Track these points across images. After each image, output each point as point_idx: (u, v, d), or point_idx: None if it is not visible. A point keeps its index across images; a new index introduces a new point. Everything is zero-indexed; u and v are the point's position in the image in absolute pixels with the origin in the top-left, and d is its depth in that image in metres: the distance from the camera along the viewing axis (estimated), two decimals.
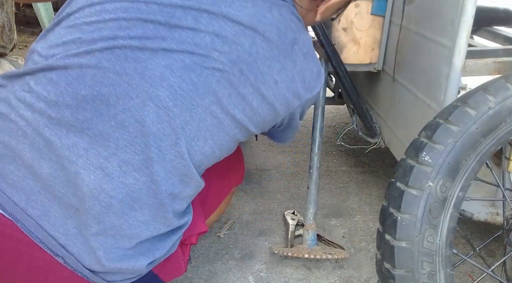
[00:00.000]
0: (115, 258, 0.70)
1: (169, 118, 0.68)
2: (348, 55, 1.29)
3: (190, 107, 0.69)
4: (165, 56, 0.68)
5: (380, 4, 1.24)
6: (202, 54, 0.69)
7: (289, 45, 0.74)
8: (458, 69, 0.95)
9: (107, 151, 0.67)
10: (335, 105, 2.06)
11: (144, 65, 0.67)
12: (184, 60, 0.68)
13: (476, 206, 1.08)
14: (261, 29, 0.72)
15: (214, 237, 1.37)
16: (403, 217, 0.76)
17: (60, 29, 0.72)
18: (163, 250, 0.76)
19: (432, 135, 0.79)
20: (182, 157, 0.70)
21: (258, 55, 0.71)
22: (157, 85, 0.67)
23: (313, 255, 1.19)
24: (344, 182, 1.71)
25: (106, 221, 0.68)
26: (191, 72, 0.68)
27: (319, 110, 1.30)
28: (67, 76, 0.67)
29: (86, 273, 0.70)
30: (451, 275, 0.78)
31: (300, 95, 0.78)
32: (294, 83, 0.76)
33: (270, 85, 0.73)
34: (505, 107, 0.79)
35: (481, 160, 0.79)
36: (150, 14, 0.69)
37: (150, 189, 0.69)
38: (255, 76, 0.71)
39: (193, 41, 0.69)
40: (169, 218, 0.74)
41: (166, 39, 0.68)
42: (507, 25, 1.84)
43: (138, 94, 0.67)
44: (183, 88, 0.68)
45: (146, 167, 0.68)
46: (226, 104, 0.71)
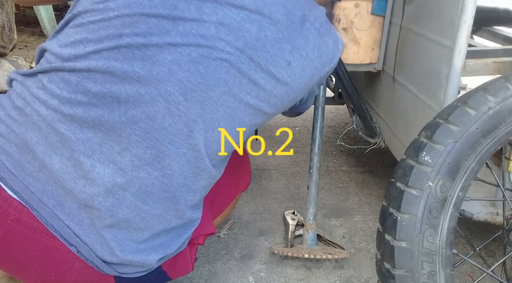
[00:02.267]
0: (128, 250, 0.72)
1: (180, 113, 0.68)
2: (348, 55, 1.29)
3: (201, 99, 0.69)
4: (171, 51, 0.68)
5: (380, 4, 1.24)
6: (208, 46, 0.69)
7: (299, 23, 0.73)
8: (458, 69, 0.95)
9: (119, 145, 0.68)
10: (335, 105, 2.06)
11: (151, 62, 0.68)
12: (190, 54, 0.68)
13: (476, 206, 1.08)
14: (267, 11, 0.71)
15: (214, 237, 1.37)
16: (403, 217, 0.76)
17: (68, 29, 0.73)
18: (174, 247, 0.77)
19: (432, 135, 0.79)
20: (195, 149, 0.70)
21: (267, 39, 0.71)
22: (166, 80, 0.68)
23: (313, 255, 1.19)
24: (344, 182, 1.71)
25: (119, 214, 0.69)
26: (199, 65, 0.68)
27: (319, 110, 1.30)
28: (78, 74, 0.68)
29: (98, 263, 0.71)
30: (451, 275, 0.78)
31: (318, 70, 0.77)
32: (310, 61, 0.75)
33: (282, 66, 0.72)
34: (505, 107, 0.79)
35: (481, 160, 0.79)
36: (153, 8, 0.69)
37: (162, 183, 0.70)
38: (266, 61, 0.71)
39: (197, 32, 0.69)
40: (181, 210, 0.75)
41: (170, 33, 0.68)
42: (507, 25, 1.85)
43: (147, 90, 0.68)
44: (192, 81, 0.68)
45: (158, 161, 0.69)
46: (237, 92, 0.71)
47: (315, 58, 0.76)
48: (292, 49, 0.73)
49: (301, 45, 0.74)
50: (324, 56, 0.77)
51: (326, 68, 0.79)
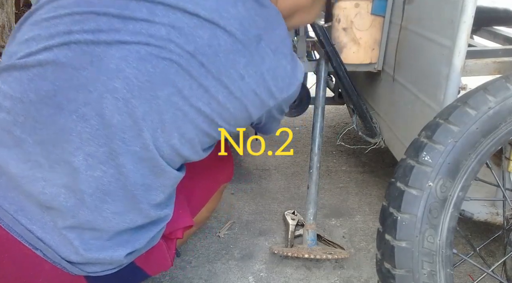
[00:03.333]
0: (93, 249, 0.71)
1: (128, 110, 0.67)
2: (348, 55, 1.29)
3: (149, 98, 0.68)
4: (120, 47, 0.67)
5: (380, 4, 1.24)
6: (157, 45, 0.68)
7: (254, 41, 0.72)
8: (458, 69, 0.96)
9: (71, 145, 0.67)
10: (335, 105, 2.06)
11: (99, 58, 0.67)
12: (139, 51, 0.67)
13: (476, 206, 1.08)
14: (222, 23, 0.70)
15: (214, 237, 1.37)
16: (403, 217, 0.76)
17: (24, 27, 0.74)
18: (143, 241, 0.77)
19: (432, 135, 0.79)
20: (148, 148, 0.69)
21: (220, 48, 0.70)
22: (114, 77, 0.67)
23: (313, 255, 1.19)
24: (344, 182, 1.71)
25: (80, 215, 0.69)
26: (147, 63, 0.68)
27: (319, 110, 1.30)
28: (28, 73, 0.68)
29: (64, 265, 0.71)
30: (451, 275, 0.78)
31: (274, 94, 0.76)
32: (265, 81, 0.74)
33: (235, 79, 0.71)
34: (505, 107, 0.79)
35: (481, 160, 0.79)
36: (103, 7, 0.69)
37: (119, 181, 0.70)
38: (218, 69, 0.70)
39: (147, 32, 0.68)
40: (145, 209, 0.74)
41: (120, 31, 0.68)
42: (507, 25, 1.85)
43: (96, 87, 0.67)
44: (139, 79, 0.67)
45: (112, 159, 0.68)
46: (188, 96, 0.69)
47: (270, 80, 0.75)
48: (247, 64, 0.72)
49: (257, 63, 0.73)
50: (280, 81, 0.76)
51: (283, 94, 0.78)
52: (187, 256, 1.28)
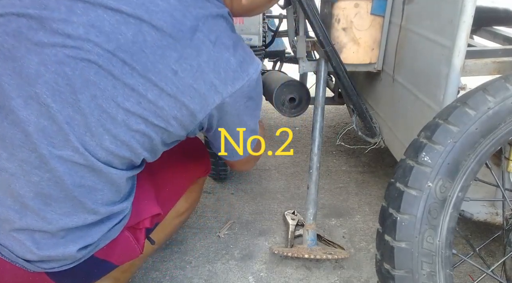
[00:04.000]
0: (44, 247, 0.72)
1: (52, 115, 0.66)
2: (348, 55, 1.28)
3: (70, 102, 0.67)
4: (38, 51, 0.66)
5: (380, 4, 1.24)
6: (74, 46, 0.66)
7: (188, 33, 0.69)
8: (457, 69, 0.95)
9: (6, 152, 0.68)
10: (335, 105, 2.06)
11: (20, 64, 0.66)
12: (57, 55, 0.66)
13: (476, 206, 1.08)
14: (148, 17, 0.67)
15: (214, 237, 1.37)
16: (402, 218, 0.76)
17: None
18: (96, 236, 0.76)
19: (431, 136, 0.79)
20: (78, 151, 0.68)
21: (147, 44, 0.67)
22: (34, 82, 0.66)
23: (313, 255, 1.19)
24: (344, 182, 1.71)
25: (26, 218, 0.70)
26: (65, 66, 0.66)
27: (319, 110, 1.30)
28: None
29: (22, 263, 0.72)
30: (451, 275, 0.78)
31: (217, 87, 0.72)
32: (203, 73, 0.70)
33: (167, 75, 0.68)
34: (505, 107, 0.79)
35: (481, 161, 0.79)
36: (23, 8, 0.67)
37: (57, 184, 0.69)
38: (144, 66, 0.67)
39: (64, 32, 0.66)
40: (92, 208, 0.73)
41: (38, 33, 0.66)
42: (507, 25, 1.84)
43: (19, 93, 0.66)
44: (59, 83, 0.66)
45: (44, 163, 0.68)
46: (112, 96, 0.67)
47: (211, 72, 0.71)
48: (179, 58, 0.68)
49: (191, 55, 0.69)
50: (223, 73, 0.72)
51: (228, 88, 0.73)
52: (187, 256, 1.29)
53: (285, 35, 1.80)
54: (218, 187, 1.67)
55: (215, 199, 1.59)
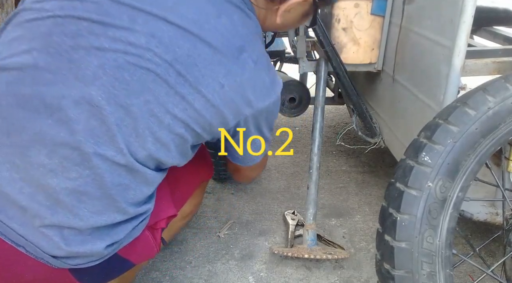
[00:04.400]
0: (73, 243, 0.73)
1: (102, 116, 0.69)
2: (348, 55, 1.29)
3: (124, 105, 0.69)
4: (98, 55, 0.69)
5: (380, 4, 1.24)
6: (135, 54, 0.69)
7: (236, 52, 0.75)
8: (457, 69, 0.95)
9: (46, 148, 0.69)
10: (335, 105, 2.06)
11: (77, 65, 0.68)
12: (117, 60, 0.69)
13: (476, 206, 1.08)
14: (203, 34, 0.72)
15: (214, 237, 1.37)
16: (402, 218, 0.76)
17: (9, 28, 0.74)
18: (122, 234, 0.78)
19: (431, 136, 0.79)
20: (122, 152, 0.71)
21: (200, 58, 0.72)
22: (90, 84, 0.68)
23: (313, 255, 1.19)
24: (344, 182, 1.71)
25: (58, 214, 0.71)
26: (124, 71, 0.69)
27: (319, 110, 1.30)
28: (8, 76, 0.69)
29: (47, 259, 0.72)
30: (451, 275, 0.78)
31: (251, 102, 0.78)
32: (244, 89, 0.76)
33: (214, 87, 0.73)
34: (505, 108, 0.79)
35: (481, 161, 0.79)
36: (85, 12, 0.70)
37: (95, 181, 0.71)
38: (195, 78, 0.72)
39: (127, 40, 0.69)
40: (123, 208, 0.75)
41: (99, 38, 0.69)
42: (507, 25, 1.84)
43: (71, 93, 0.68)
44: (116, 87, 0.69)
45: (87, 161, 0.70)
46: (163, 103, 0.71)
47: (249, 89, 0.77)
48: (227, 73, 0.74)
49: (237, 72, 0.75)
50: (258, 91, 0.78)
51: (259, 103, 0.79)
52: (187, 256, 1.29)
53: (285, 35, 1.81)
54: (218, 187, 1.67)
55: (215, 199, 1.59)
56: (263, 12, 0.85)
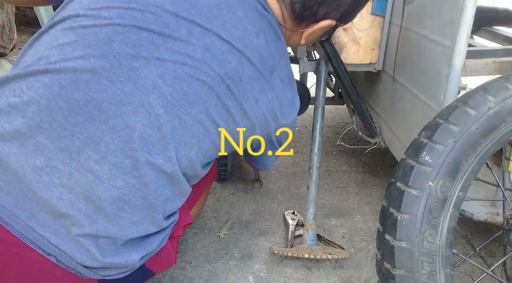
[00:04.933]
0: (108, 254, 0.72)
1: (160, 124, 0.70)
2: (348, 55, 1.29)
3: (179, 114, 0.72)
4: (158, 65, 0.70)
5: (380, 4, 1.24)
6: (193, 66, 0.72)
7: (269, 71, 0.80)
8: (458, 69, 0.96)
9: (97, 155, 0.68)
10: (335, 105, 2.06)
11: (137, 73, 0.69)
12: (176, 70, 0.71)
13: (476, 206, 1.08)
14: (247, 52, 0.76)
15: (214, 237, 1.37)
16: (403, 217, 0.76)
17: (55, 32, 0.73)
18: (154, 245, 0.79)
19: (432, 135, 0.79)
20: (171, 161, 0.72)
21: (244, 74, 0.76)
22: (149, 93, 0.69)
23: (313, 255, 1.19)
24: (344, 182, 1.71)
25: (98, 223, 0.70)
26: (183, 82, 0.71)
27: (319, 110, 1.30)
28: (60, 80, 0.68)
29: (80, 269, 0.71)
30: (451, 275, 0.78)
31: (277, 117, 0.84)
32: (273, 105, 0.82)
33: (251, 102, 0.78)
34: (505, 107, 0.79)
35: (481, 160, 0.79)
36: (145, 22, 0.70)
37: (140, 191, 0.71)
38: (239, 92, 0.76)
39: (185, 52, 0.71)
40: (158, 219, 0.76)
41: (159, 48, 0.70)
42: (507, 25, 1.84)
43: (130, 100, 0.69)
44: (174, 96, 0.71)
45: (136, 170, 0.70)
46: (212, 113, 0.74)
47: (276, 105, 0.83)
48: (261, 90, 0.79)
49: (268, 89, 0.80)
50: (284, 107, 0.85)
51: (284, 120, 0.86)
52: (187, 256, 1.29)
53: None
54: (218, 187, 1.67)
55: (215, 199, 1.59)
56: (289, 33, 0.89)
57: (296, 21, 0.85)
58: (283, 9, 0.83)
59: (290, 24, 0.86)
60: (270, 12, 0.82)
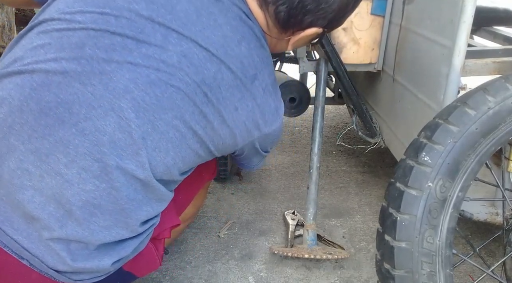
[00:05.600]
0: (79, 259, 0.72)
1: (130, 129, 0.69)
2: (348, 55, 1.28)
3: (152, 119, 0.70)
4: (130, 69, 0.69)
5: (380, 4, 1.24)
6: (167, 72, 0.70)
7: (250, 79, 0.78)
8: (457, 69, 0.95)
9: (66, 157, 0.68)
10: (335, 105, 2.06)
11: (109, 77, 0.68)
12: (149, 76, 0.69)
13: (476, 206, 1.08)
14: (227, 60, 0.74)
15: (214, 237, 1.37)
16: (402, 218, 0.76)
17: (31, 34, 0.73)
18: (129, 249, 0.78)
19: (431, 136, 0.79)
20: (143, 167, 0.71)
21: (223, 82, 0.74)
22: (120, 97, 0.68)
23: (313, 255, 1.19)
24: (344, 182, 1.71)
25: (68, 227, 0.70)
26: (156, 88, 0.70)
27: (319, 110, 1.30)
28: (32, 81, 0.68)
29: (52, 273, 0.71)
30: (451, 275, 0.78)
31: (259, 126, 0.82)
32: (254, 114, 0.80)
33: (230, 110, 0.76)
34: (505, 107, 0.79)
35: (481, 160, 0.79)
36: (119, 27, 0.70)
37: (110, 195, 0.71)
38: (218, 100, 0.74)
39: (160, 57, 0.70)
40: (132, 225, 0.75)
41: (132, 53, 0.69)
42: (507, 25, 1.84)
43: (101, 104, 0.68)
44: (146, 101, 0.69)
45: (106, 174, 0.69)
46: (188, 120, 0.73)
47: (259, 114, 0.81)
48: (241, 98, 0.77)
49: (249, 98, 0.78)
50: (266, 115, 0.82)
51: (267, 128, 0.84)
52: (187, 256, 1.29)
53: None
54: (218, 187, 1.67)
55: (215, 199, 1.59)
56: (274, 40, 0.87)
57: (281, 29, 0.83)
58: (268, 17, 0.81)
59: (275, 32, 0.85)
60: (253, 21, 0.80)
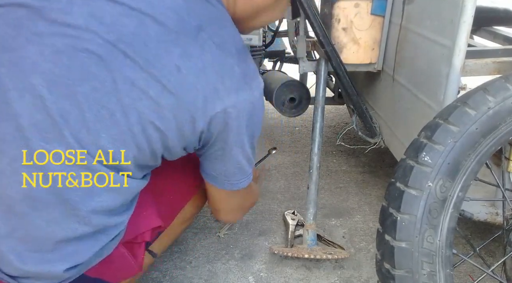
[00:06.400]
0: (30, 262, 0.66)
1: (47, 108, 0.62)
2: (348, 55, 1.29)
3: (67, 94, 0.62)
4: (36, 41, 0.63)
5: (380, 4, 1.24)
6: (73, 35, 0.63)
7: (193, 30, 0.66)
8: (457, 69, 0.95)
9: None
10: (335, 105, 2.06)
11: (18, 54, 0.63)
12: (55, 44, 0.63)
13: (476, 206, 1.08)
14: (151, 11, 0.65)
15: (214, 237, 1.37)
16: (402, 218, 0.76)
17: None
18: (87, 254, 0.71)
19: (431, 136, 0.79)
20: (73, 148, 0.63)
21: (150, 38, 0.64)
22: (30, 73, 0.62)
23: (313, 255, 1.19)
24: (344, 182, 1.71)
25: (11, 222, 0.65)
26: (63, 56, 0.62)
27: (319, 110, 1.30)
28: None
29: (2, 277, 0.67)
30: (451, 275, 0.78)
31: (219, 92, 0.67)
32: (207, 75, 0.66)
33: (170, 71, 0.64)
34: (505, 107, 0.79)
35: (481, 160, 0.79)
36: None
37: (46, 185, 0.64)
38: (146, 60, 0.63)
39: (64, 22, 0.63)
40: (83, 216, 0.67)
41: (37, 23, 0.63)
42: (507, 25, 1.84)
43: (14, 85, 0.62)
44: (56, 73, 0.62)
45: (36, 160, 0.63)
46: (112, 91, 0.63)
47: (214, 75, 0.67)
48: (183, 54, 0.65)
49: (195, 53, 0.66)
50: (227, 79, 0.68)
51: (231, 95, 0.68)
52: (187, 256, 1.29)
53: (285, 35, 1.80)
54: None
55: None
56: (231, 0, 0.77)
57: None
58: None
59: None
60: None
